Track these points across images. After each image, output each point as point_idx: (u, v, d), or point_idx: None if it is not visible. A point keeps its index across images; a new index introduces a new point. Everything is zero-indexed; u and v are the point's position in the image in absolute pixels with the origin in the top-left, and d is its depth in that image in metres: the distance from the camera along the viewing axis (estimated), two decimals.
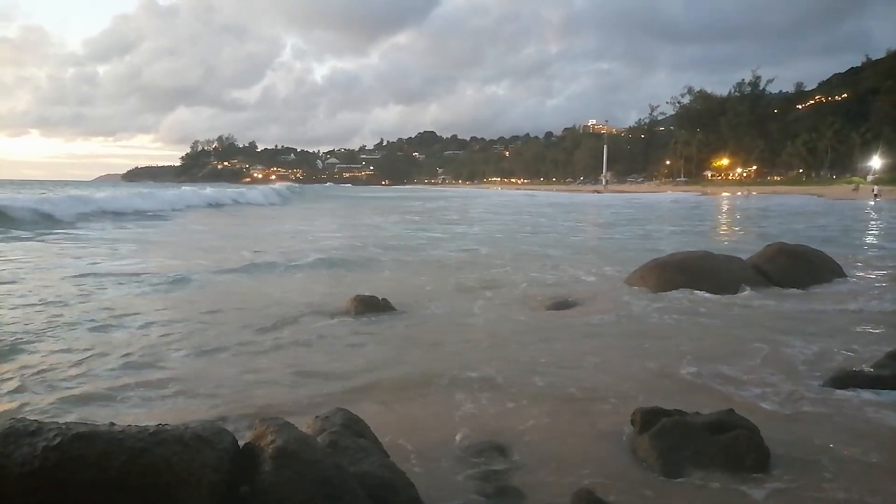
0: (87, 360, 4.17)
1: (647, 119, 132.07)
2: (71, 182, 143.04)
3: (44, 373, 3.91)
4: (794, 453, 2.77)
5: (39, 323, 5.18)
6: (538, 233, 17.07)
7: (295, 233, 15.80)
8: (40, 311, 5.66)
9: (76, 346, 4.51)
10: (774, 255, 7.37)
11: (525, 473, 2.65)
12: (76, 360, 4.18)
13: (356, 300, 5.78)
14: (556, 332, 5.11)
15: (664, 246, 12.25)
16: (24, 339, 4.68)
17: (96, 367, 4.06)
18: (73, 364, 4.08)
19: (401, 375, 3.99)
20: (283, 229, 17.07)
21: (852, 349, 4.52)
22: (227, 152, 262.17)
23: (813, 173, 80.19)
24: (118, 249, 11.10)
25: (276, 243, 12.61)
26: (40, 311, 5.66)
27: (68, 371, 3.96)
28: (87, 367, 4.05)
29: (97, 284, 7.11)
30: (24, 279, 7.46)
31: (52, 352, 4.37)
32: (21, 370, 3.95)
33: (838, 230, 17.93)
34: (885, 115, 70.14)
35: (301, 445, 1.91)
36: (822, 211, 29.73)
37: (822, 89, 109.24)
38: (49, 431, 1.69)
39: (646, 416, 2.86)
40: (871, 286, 7.39)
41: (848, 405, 3.38)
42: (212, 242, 12.85)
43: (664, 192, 76.16)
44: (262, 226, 18.84)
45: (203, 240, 13.64)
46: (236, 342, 4.73)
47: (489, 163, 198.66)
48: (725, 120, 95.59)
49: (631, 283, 7.19)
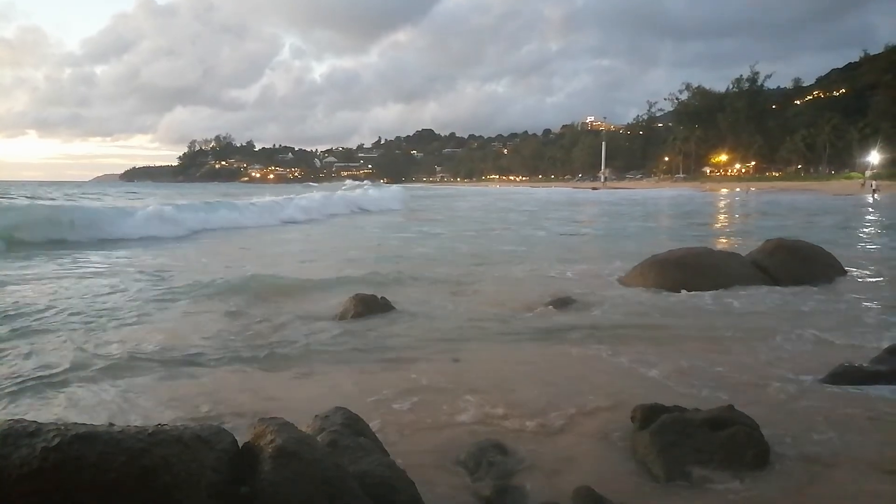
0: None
1: (645, 116, 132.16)
2: (69, 183, 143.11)
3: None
4: (794, 449, 2.77)
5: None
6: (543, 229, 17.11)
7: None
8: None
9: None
10: (774, 250, 7.37)
11: (526, 471, 2.66)
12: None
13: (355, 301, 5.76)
14: (557, 333, 5.11)
15: (662, 241, 12.26)
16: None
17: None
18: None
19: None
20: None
21: (852, 345, 4.53)
22: (224, 152, 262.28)
23: (811, 169, 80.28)
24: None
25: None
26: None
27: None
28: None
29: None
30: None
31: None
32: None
33: (838, 226, 17.96)
34: (883, 111, 70.19)
35: (301, 445, 1.91)
36: (823, 207, 29.73)
37: (820, 85, 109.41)
38: (48, 432, 1.68)
39: (646, 412, 2.86)
40: (871, 282, 7.41)
41: (848, 401, 3.38)
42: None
43: (662, 188, 76.18)
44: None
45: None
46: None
47: (487, 160, 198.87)
48: (723, 116, 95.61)
49: (629, 280, 7.19)
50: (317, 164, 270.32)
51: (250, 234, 16.22)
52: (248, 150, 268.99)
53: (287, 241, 14.30)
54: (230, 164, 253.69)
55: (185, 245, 12.92)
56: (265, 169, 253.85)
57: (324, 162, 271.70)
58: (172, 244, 13.05)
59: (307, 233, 16.89)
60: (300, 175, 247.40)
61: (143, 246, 12.47)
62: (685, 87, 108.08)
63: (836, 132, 77.15)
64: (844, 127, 76.52)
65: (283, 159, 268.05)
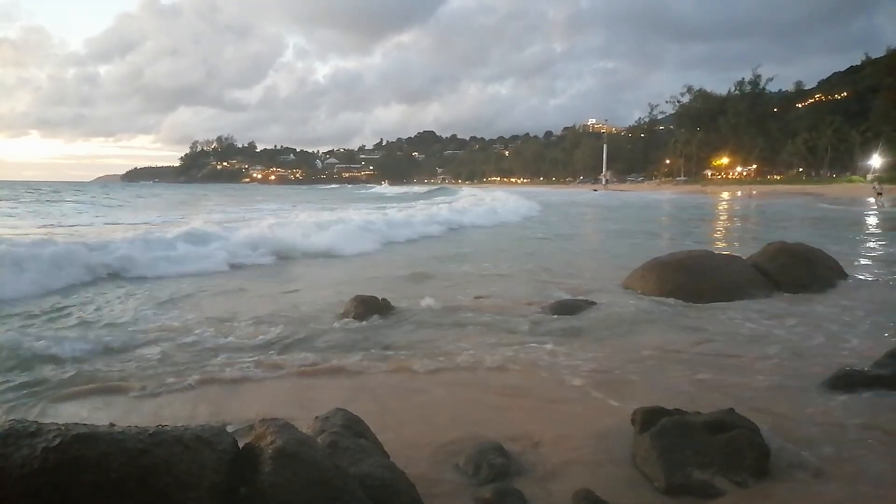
0: None
1: (646, 118, 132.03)
2: (71, 183, 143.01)
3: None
4: (795, 453, 2.76)
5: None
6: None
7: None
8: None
9: None
10: (775, 253, 7.35)
11: (526, 474, 2.65)
12: None
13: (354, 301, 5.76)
14: (558, 334, 5.10)
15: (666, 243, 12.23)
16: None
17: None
18: None
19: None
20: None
21: (853, 349, 4.53)
22: (226, 152, 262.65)
23: (812, 172, 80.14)
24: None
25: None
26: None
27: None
28: None
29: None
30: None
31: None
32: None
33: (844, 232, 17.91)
34: (884, 114, 70.03)
35: (301, 446, 1.91)
36: (825, 214, 29.57)
37: (822, 88, 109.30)
38: (49, 432, 1.68)
39: (646, 415, 2.86)
40: (873, 286, 7.39)
41: (849, 405, 3.37)
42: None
43: (663, 191, 76.06)
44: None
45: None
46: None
47: (489, 162, 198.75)
48: (725, 119, 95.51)
49: (630, 283, 7.18)
50: (318, 165, 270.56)
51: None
52: (249, 151, 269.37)
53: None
54: (231, 164, 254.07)
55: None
56: (266, 170, 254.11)
57: (325, 163, 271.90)
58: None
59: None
60: (301, 176, 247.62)
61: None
62: (686, 89, 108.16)
63: (837, 135, 77.01)
64: (846, 130, 76.38)
65: (284, 160, 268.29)
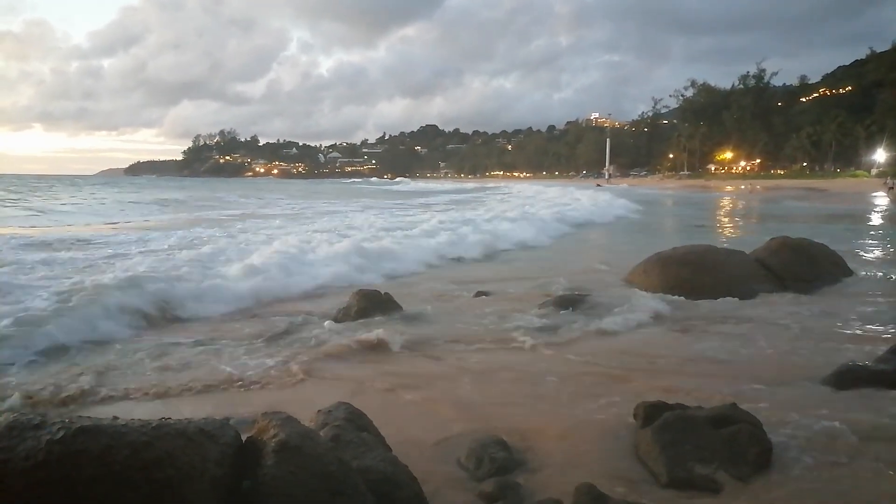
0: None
1: (650, 112, 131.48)
2: (74, 177, 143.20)
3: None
4: (797, 448, 2.76)
5: None
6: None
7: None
8: None
9: None
10: (778, 248, 7.32)
11: (528, 468, 2.66)
12: None
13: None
14: (559, 332, 5.10)
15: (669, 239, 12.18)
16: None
17: None
18: None
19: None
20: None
21: (856, 345, 4.51)
22: (228, 146, 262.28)
23: (816, 166, 79.82)
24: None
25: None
26: None
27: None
28: None
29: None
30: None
31: None
32: None
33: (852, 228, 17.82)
34: (889, 108, 69.62)
35: (303, 439, 1.91)
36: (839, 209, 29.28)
37: (827, 82, 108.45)
38: (53, 425, 1.69)
39: (648, 410, 2.86)
40: (877, 282, 7.36)
41: (851, 401, 3.37)
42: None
43: (666, 185, 75.77)
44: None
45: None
46: None
47: (492, 156, 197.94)
48: (729, 113, 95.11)
49: (632, 278, 7.17)
50: (320, 159, 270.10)
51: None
52: (252, 145, 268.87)
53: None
54: (234, 158, 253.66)
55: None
56: (269, 164, 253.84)
57: (328, 157, 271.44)
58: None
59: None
60: (304, 170, 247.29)
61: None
62: (690, 83, 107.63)
63: (841, 130, 76.56)
64: (850, 124, 75.93)
65: (287, 154, 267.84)
